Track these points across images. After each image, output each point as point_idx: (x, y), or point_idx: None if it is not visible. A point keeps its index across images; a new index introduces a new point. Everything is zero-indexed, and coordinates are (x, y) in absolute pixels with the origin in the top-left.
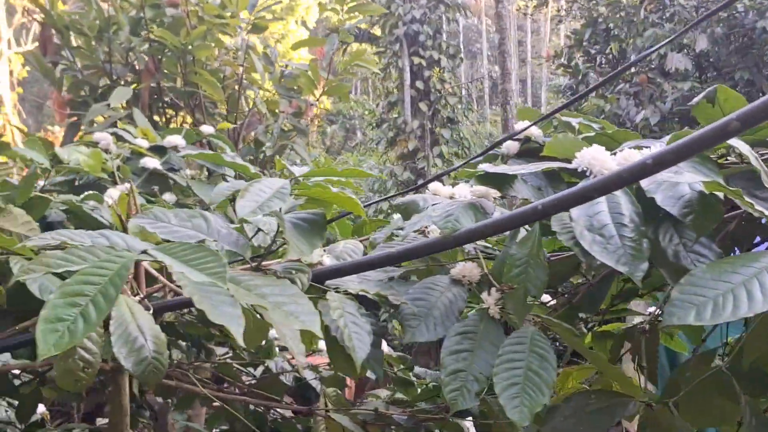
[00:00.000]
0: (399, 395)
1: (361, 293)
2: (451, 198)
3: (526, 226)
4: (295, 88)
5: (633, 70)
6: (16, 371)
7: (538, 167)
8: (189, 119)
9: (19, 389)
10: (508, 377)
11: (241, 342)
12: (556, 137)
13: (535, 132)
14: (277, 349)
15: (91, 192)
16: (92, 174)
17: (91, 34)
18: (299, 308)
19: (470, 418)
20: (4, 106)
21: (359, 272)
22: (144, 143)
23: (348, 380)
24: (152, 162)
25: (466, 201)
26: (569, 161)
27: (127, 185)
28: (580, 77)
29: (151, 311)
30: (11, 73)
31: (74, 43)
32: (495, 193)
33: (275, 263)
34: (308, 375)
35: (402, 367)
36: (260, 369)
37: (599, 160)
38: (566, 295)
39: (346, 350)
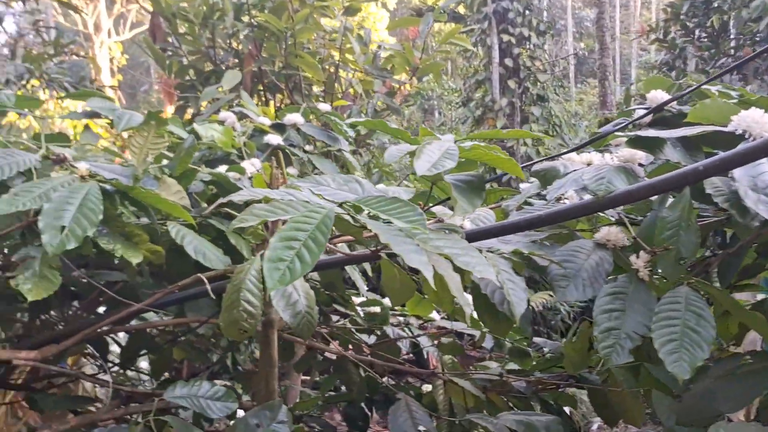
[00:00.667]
0: (511, 365)
1: (512, 253)
2: (588, 165)
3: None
4: (388, 68)
5: (734, 44)
6: (155, 330)
7: (690, 131)
8: (286, 101)
9: (157, 346)
10: (666, 333)
11: (432, 283)
12: (702, 104)
13: (661, 97)
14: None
15: (236, 165)
16: (224, 149)
17: (197, 21)
18: (473, 260)
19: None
20: (106, 92)
21: (504, 234)
22: (266, 121)
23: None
24: (275, 138)
25: (615, 164)
26: (718, 126)
27: (255, 160)
28: (676, 52)
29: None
30: (111, 60)
31: (180, 30)
32: (641, 157)
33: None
34: (424, 342)
35: (518, 337)
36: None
37: (759, 123)
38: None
39: (498, 307)
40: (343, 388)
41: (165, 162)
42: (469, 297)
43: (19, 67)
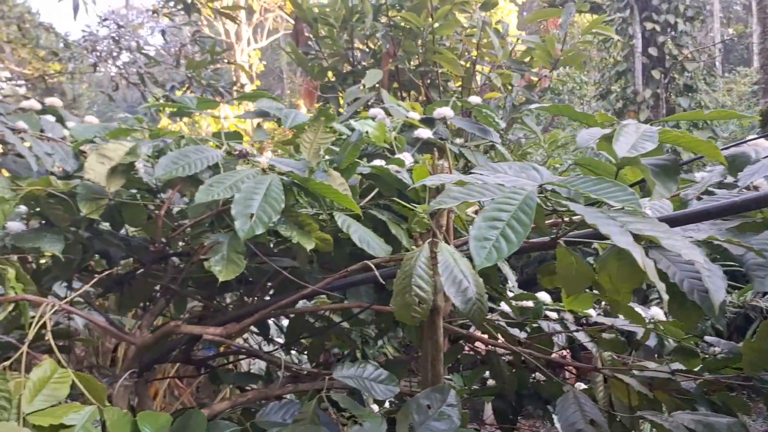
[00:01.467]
0: (676, 365)
1: (705, 240)
2: None
3: None
4: (526, 61)
5: None
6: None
7: None
8: (422, 98)
9: (316, 331)
10: None
11: (642, 265)
12: None
13: None
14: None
15: (395, 157)
16: (377, 144)
17: (336, 24)
18: (677, 242)
19: None
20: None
21: (690, 222)
22: (416, 116)
23: None
24: (425, 132)
25: None
26: None
27: (407, 153)
28: None
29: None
30: (250, 67)
31: (321, 34)
32: None
33: None
34: (581, 337)
35: (685, 335)
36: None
37: None
38: None
39: (688, 296)
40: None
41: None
42: (662, 285)
43: (182, 74)
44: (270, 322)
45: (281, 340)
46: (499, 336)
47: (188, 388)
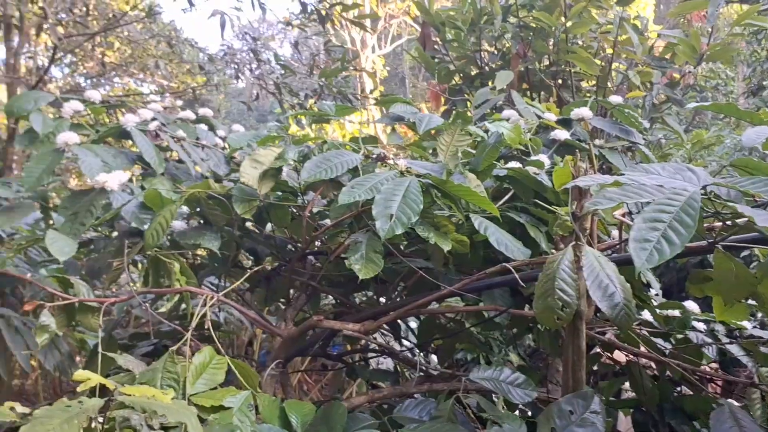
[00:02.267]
0: None
1: None
2: None
3: None
4: (667, 57)
5: None
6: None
7: None
8: (553, 99)
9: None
10: None
11: None
12: None
13: None
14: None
15: (533, 159)
16: (511, 145)
17: (464, 27)
18: None
19: None
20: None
21: None
22: (552, 117)
23: None
24: (562, 134)
25: None
26: None
27: (543, 156)
28: None
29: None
30: (375, 73)
31: (448, 37)
32: None
33: None
34: (735, 350)
35: None
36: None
37: None
38: None
39: None
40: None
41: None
42: None
43: (313, 83)
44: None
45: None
46: (642, 346)
47: (316, 384)
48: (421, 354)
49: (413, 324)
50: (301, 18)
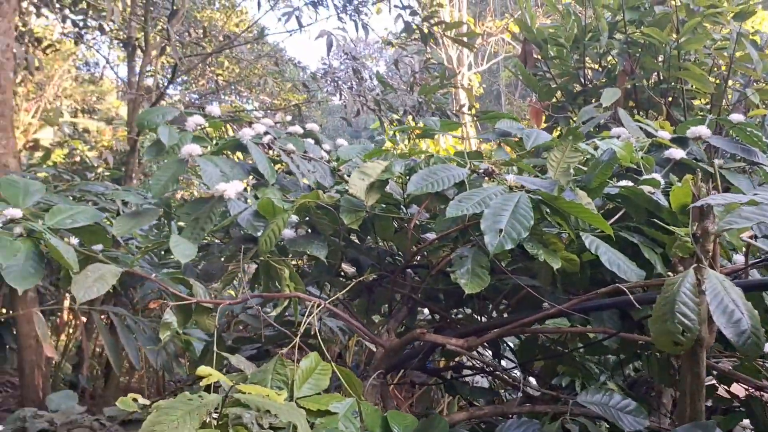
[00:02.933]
0: None
1: None
2: None
3: None
4: None
5: None
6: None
7: None
8: (661, 117)
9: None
10: None
11: None
12: None
13: None
14: None
15: (648, 177)
16: (622, 164)
17: (567, 44)
18: None
19: None
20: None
21: None
22: (666, 135)
23: None
24: (678, 153)
25: None
26: None
27: (656, 174)
28: None
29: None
30: (471, 89)
31: (550, 54)
32: None
33: None
34: None
35: None
36: None
37: None
38: None
39: None
40: None
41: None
42: None
43: (413, 99)
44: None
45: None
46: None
47: (406, 400)
48: (520, 374)
49: (510, 343)
50: (401, 37)
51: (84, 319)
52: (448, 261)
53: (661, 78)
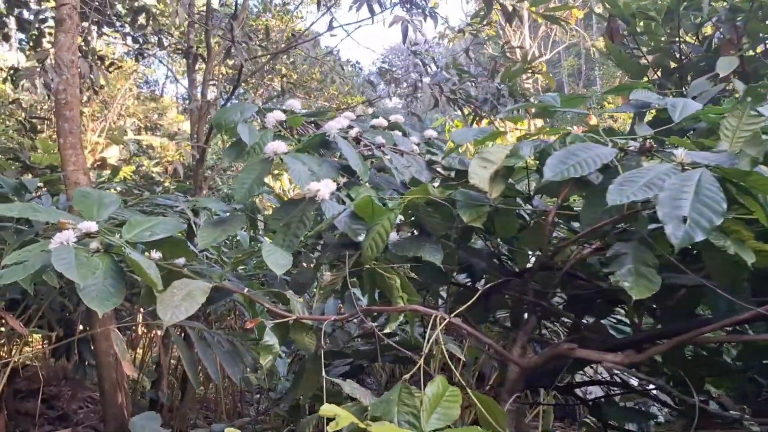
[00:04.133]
0: None
1: None
2: None
3: None
4: None
5: None
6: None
7: None
8: None
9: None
10: None
11: None
12: None
13: None
14: None
15: None
16: None
17: (659, 17)
18: None
19: None
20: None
21: None
22: None
23: None
24: None
25: None
26: None
27: None
28: None
29: None
30: (550, 74)
31: (637, 30)
32: None
33: None
34: None
35: None
36: None
37: None
38: None
39: None
40: None
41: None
42: None
43: (492, 87)
44: None
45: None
46: None
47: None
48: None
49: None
50: (472, 23)
51: (160, 333)
52: (580, 260)
53: None
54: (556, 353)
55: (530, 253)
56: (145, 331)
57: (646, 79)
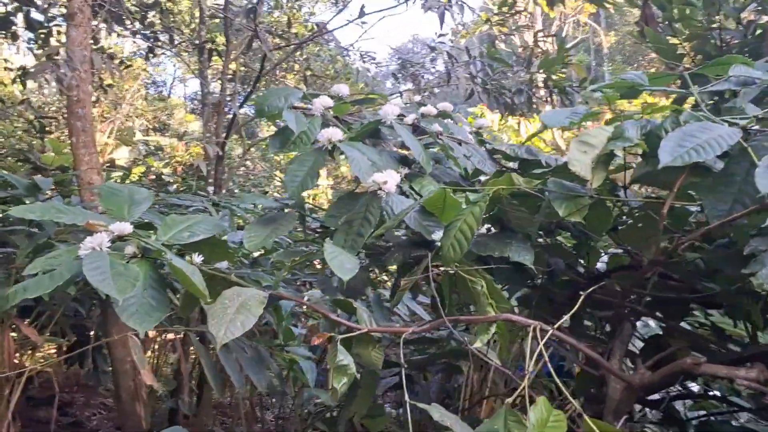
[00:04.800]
0: None
1: None
2: None
3: None
4: None
5: None
6: None
7: None
8: None
9: None
10: None
11: None
12: None
13: None
14: None
15: None
16: None
17: (698, 3)
18: None
19: None
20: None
21: None
22: None
23: None
24: None
25: None
26: None
27: None
28: None
29: None
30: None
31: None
32: None
33: None
34: None
35: None
36: None
37: None
38: None
39: None
40: None
41: None
42: None
43: (525, 77)
44: None
45: None
46: None
47: None
48: None
49: None
50: (501, 12)
51: (176, 337)
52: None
53: None
54: (676, 369)
55: (601, 252)
56: (157, 333)
57: (682, 66)
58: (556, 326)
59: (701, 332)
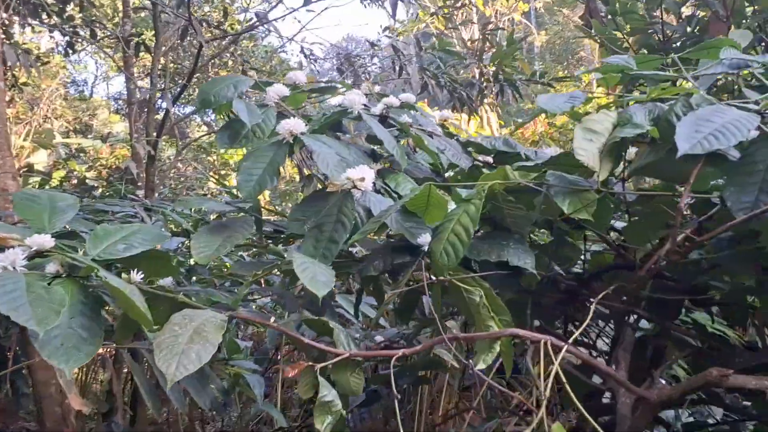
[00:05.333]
0: None
1: None
2: None
3: None
4: None
5: None
6: None
7: None
8: None
9: None
10: None
11: None
12: None
13: None
14: None
15: None
16: None
17: None
18: None
19: None
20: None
21: None
22: None
23: None
24: None
25: None
26: None
27: None
28: None
29: None
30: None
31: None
32: None
33: None
34: None
35: None
36: None
37: None
38: None
39: None
40: None
41: None
42: None
43: (476, 68)
44: None
45: None
46: None
47: None
48: None
49: None
50: (445, 7)
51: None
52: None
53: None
54: (704, 382)
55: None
56: None
57: None
58: (570, 340)
59: (694, 334)
